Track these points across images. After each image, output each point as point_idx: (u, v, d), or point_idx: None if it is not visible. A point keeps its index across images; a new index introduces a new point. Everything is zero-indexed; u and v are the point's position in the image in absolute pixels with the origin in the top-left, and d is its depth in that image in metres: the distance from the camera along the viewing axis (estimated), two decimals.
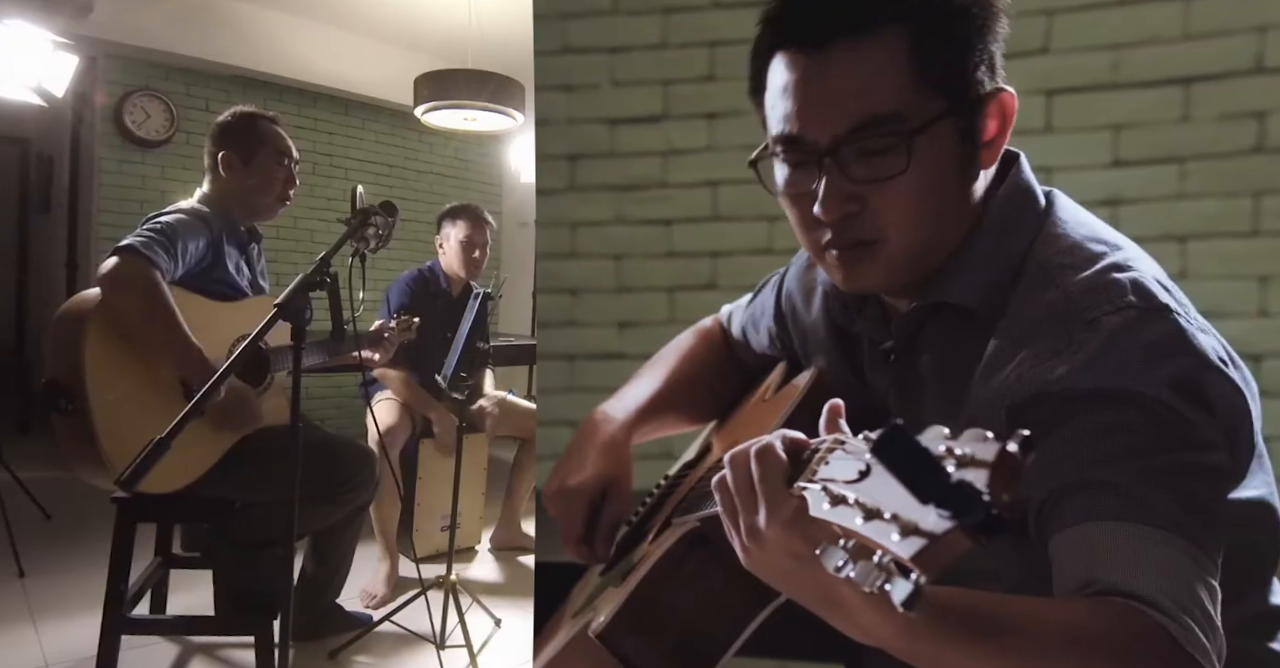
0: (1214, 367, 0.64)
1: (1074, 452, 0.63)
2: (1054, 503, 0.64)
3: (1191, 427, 0.62)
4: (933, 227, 0.74)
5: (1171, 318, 0.65)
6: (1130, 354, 0.64)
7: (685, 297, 1.79)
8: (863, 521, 0.41)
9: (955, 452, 0.39)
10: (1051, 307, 0.69)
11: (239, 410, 1.77)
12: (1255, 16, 1.54)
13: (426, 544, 2.87)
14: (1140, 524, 0.59)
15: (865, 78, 0.69)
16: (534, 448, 2.90)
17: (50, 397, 1.58)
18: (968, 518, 0.37)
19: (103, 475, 1.59)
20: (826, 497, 0.46)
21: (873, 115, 0.69)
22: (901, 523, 0.39)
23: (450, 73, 3.18)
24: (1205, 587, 0.58)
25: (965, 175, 0.74)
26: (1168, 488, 0.60)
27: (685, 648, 0.75)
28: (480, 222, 2.93)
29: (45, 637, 2.18)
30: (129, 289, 1.62)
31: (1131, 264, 0.70)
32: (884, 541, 0.39)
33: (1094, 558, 0.60)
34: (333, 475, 1.93)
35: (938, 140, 0.70)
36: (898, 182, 0.70)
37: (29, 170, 5.30)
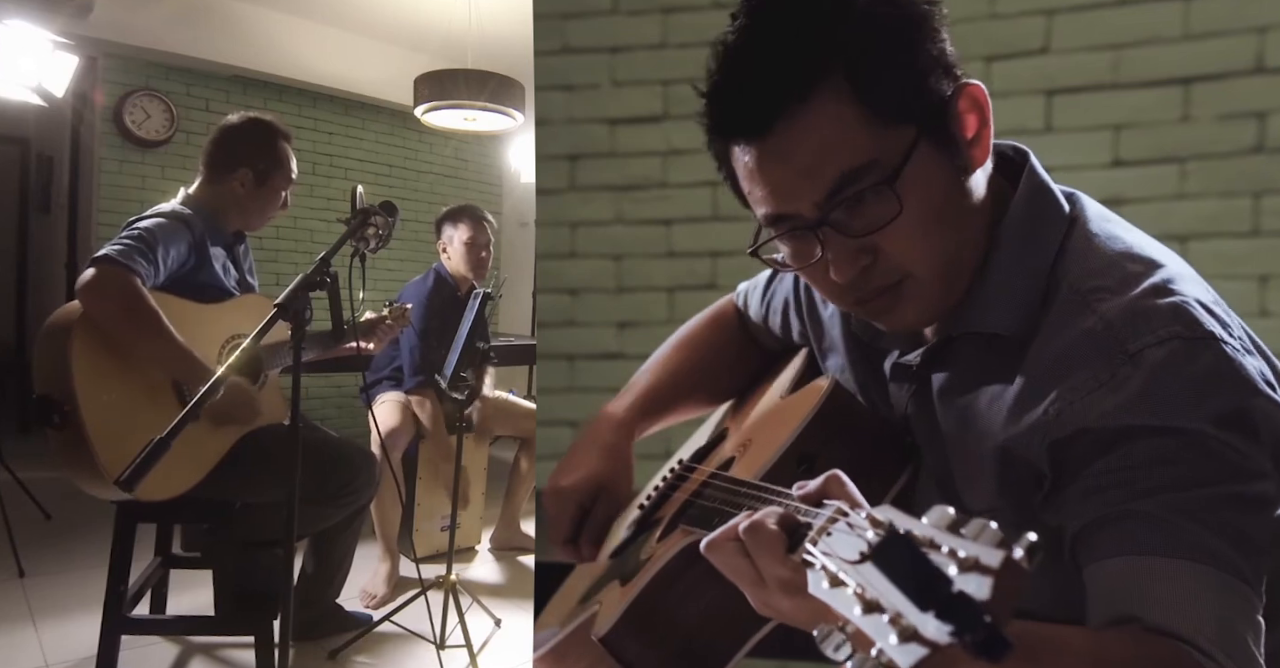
0: (1262, 394, 0.62)
1: (1116, 482, 0.61)
2: (1093, 532, 0.62)
3: (1239, 456, 0.60)
4: (949, 245, 0.71)
5: (1217, 347, 0.62)
6: (1176, 390, 0.61)
7: (685, 297, 1.79)
8: (861, 612, 0.40)
9: (959, 553, 0.38)
10: (1090, 335, 0.66)
11: (239, 405, 1.76)
12: (1255, 16, 1.54)
13: (426, 544, 2.87)
14: (1183, 560, 0.58)
15: (823, 142, 0.66)
16: (534, 448, 2.90)
17: (42, 411, 1.57)
18: (969, 635, 0.36)
19: (100, 485, 1.58)
20: (826, 577, 0.45)
21: (846, 172, 0.66)
22: (900, 627, 0.38)
23: (450, 73, 3.18)
24: (1250, 625, 0.57)
25: (961, 182, 0.71)
26: (1213, 522, 0.59)
27: (687, 656, 0.75)
28: (481, 222, 2.92)
29: (45, 637, 2.18)
30: (108, 298, 1.60)
31: (1173, 285, 0.66)
32: (882, 641, 0.38)
33: (1132, 593, 0.58)
34: (332, 477, 1.92)
35: (921, 166, 0.67)
36: (898, 223, 0.67)
37: (29, 170, 5.30)
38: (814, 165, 0.67)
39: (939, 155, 0.69)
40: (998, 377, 0.72)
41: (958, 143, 0.70)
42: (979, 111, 0.70)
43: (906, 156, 0.66)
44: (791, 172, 0.68)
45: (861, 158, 0.66)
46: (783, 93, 0.66)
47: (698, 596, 0.74)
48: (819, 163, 0.66)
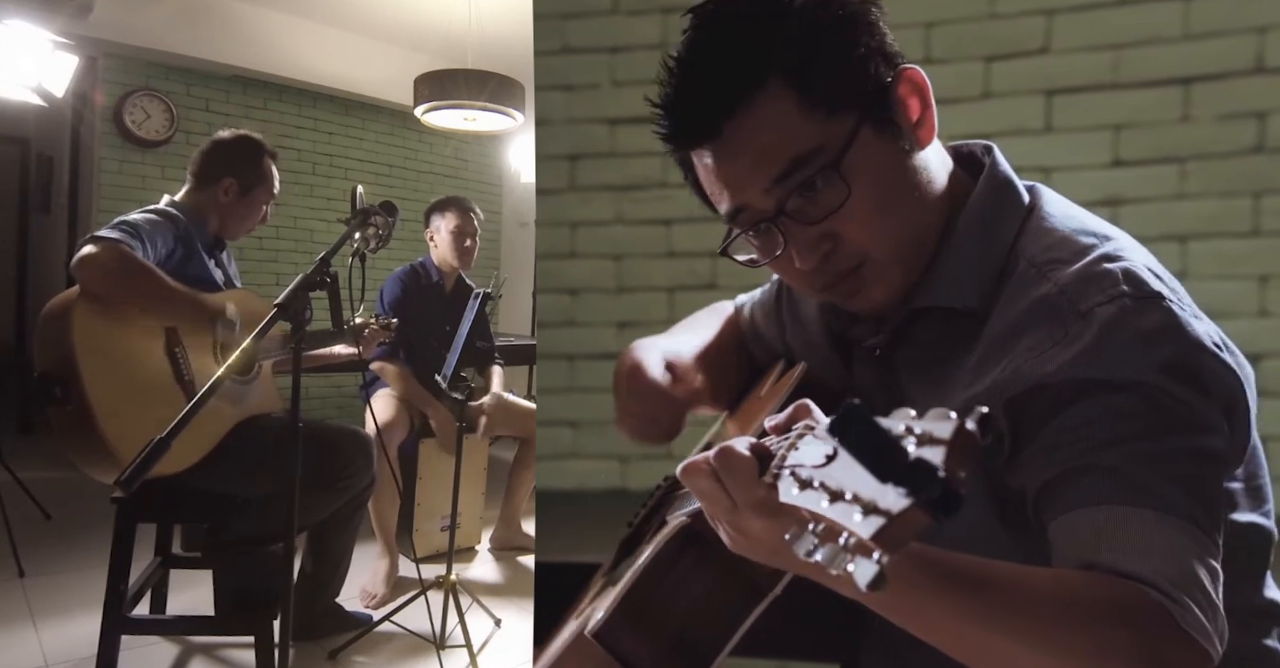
0: (1208, 350, 0.65)
1: (1073, 438, 0.64)
2: (1053, 489, 0.64)
3: (1190, 410, 0.63)
4: (904, 226, 0.75)
5: (1164, 305, 0.65)
6: (1126, 343, 0.64)
7: (685, 297, 1.79)
8: (828, 503, 0.42)
9: (915, 431, 0.40)
10: (1044, 299, 0.69)
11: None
12: (1255, 16, 1.55)
13: (426, 544, 2.87)
14: (1139, 508, 0.60)
15: (770, 135, 0.70)
16: (534, 448, 2.90)
17: (44, 388, 1.58)
18: (924, 494, 0.37)
19: (103, 463, 1.59)
20: (796, 482, 0.46)
21: (793, 159, 0.70)
22: (863, 502, 0.40)
23: (450, 73, 3.18)
24: (1206, 568, 0.58)
25: (908, 162, 0.74)
26: (1167, 471, 0.61)
27: (682, 645, 0.75)
28: (468, 211, 2.94)
29: (45, 637, 2.18)
30: (104, 264, 1.65)
31: (1122, 254, 0.70)
32: (847, 521, 0.40)
33: (1092, 541, 0.60)
34: (330, 462, 1.93)
35: (866, 149, 0.71)
36: (850, 205, 0.71)
37: (29, 170, 5.30)
38: (763, 156, 0.71)
39: (882, 138, 0.72)
40: (959, 349, 0.75)
41: (900, 125, 0.73)
42: (920, 94, 0.74)
43: (849, 141, 0.70)
44: (743, 165, 0.72)
45: (806, 145, 0.70)
46: (728, 96, 0.70)
47: (687, 584, 0.75)
48: (767, 153, 0.71)
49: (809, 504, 0.44)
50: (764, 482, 0.54)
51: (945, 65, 1.83)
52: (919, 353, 0.80)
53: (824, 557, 0.41)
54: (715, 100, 0.71)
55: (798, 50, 0.70)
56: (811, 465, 0.46)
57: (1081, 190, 0.80)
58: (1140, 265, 0.68)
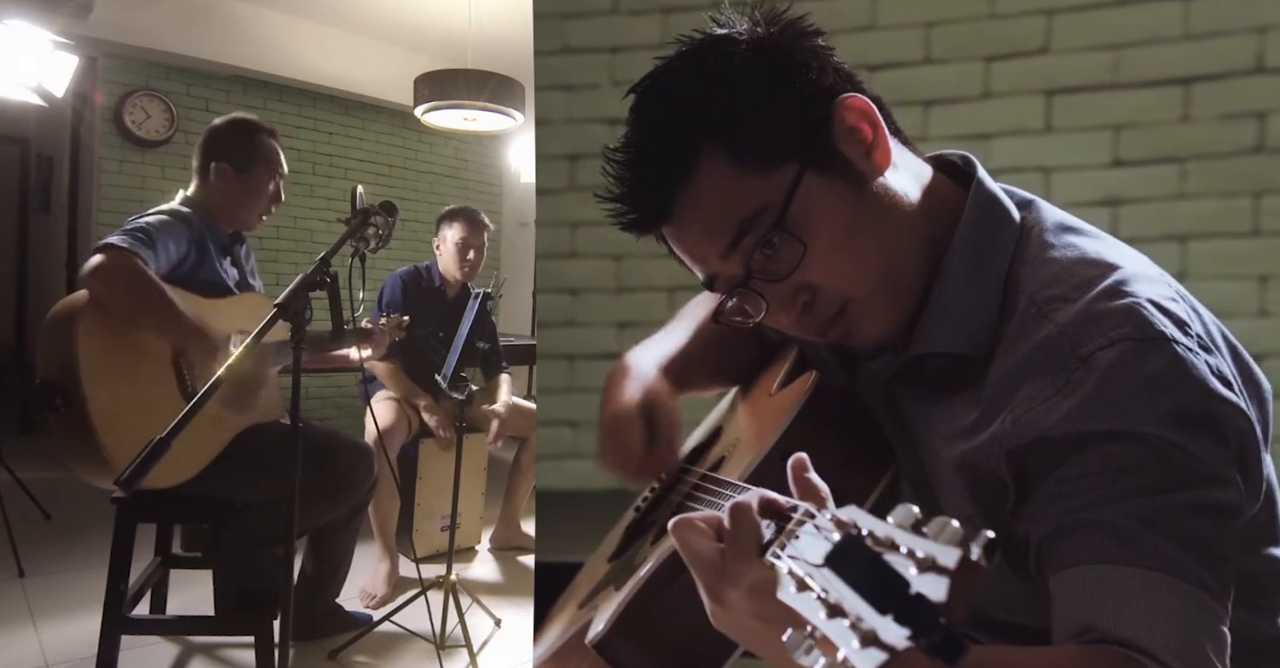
0: (1216, 394, 0.62)
1: (1074, 490, 0.61)
2: (1053, 541, 0.62)
3: (1198, 462, 0.60)
4: (876, 256, 0.72)
5: (1168, 347, 0.62)
6: (1128, 392, 0.61)
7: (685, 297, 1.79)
8: (825, 617, 0.41)
9: (916, 553, 0.38)
10: (1045, 342, 0.66)
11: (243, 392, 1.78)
12: (1255, 16, 1.55)
13: (426, 544, 2.87)
14: (1142, 569, 0.57)
15: (712, 205, 0.71)
16: (534, 448, 2.90)
17: (46, 396, 1.58)
18: (925, 637, 0.36)
19: (102, 472, 1.59)
20: (793, 581, 0.45)
21: (737, 223, 0.70)
22: (861, 632, 0.38)
23: (450, 73, 3.18)
24: (1212, 636, 0.56)
25: (865, 195, 0.72)
26: (1173, 529, 0.58)
27: (681, 660, 0.74)
28: (476, 223, 2.94)
29: (45, 637, 2.18)
30: (114, 279, 1.62)
31: (1126, 286, 0.66)
32: (844, 646, 0.39)
33: (1092, 604, 0.58)
34: (331, 472, 1.93)
35: (812, 198, 0.70)
36: (809, 256, 0.70)
37: (29, 170, 5.30)
38: (711, 226, 0.72)
39: (829, 181, 0.71)
40: (961, 392, 0.73)
41: (848, 159, 0.71)
42: (867, 119, 0.72)
43: (790, 195, 0.69)
44: (697, 237, 0.73)
45: (749, 207, 0.70)
46: (667, 175, 0.71)
47: (690, 599, 0.74)
48: (714, 222, 0.71)
49: (806, 612, 0.42)
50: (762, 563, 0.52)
51: (945, 65, 1.83)
52: (920, 391, 0.78)
53: None
54: (657, 183, 0.72)
55: (722, 112, 0.70)
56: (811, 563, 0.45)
57: (1081, 190, 0.80)
58: (1144, 300, 0.64)
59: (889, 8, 1.86)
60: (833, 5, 1.83)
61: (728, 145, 0.69)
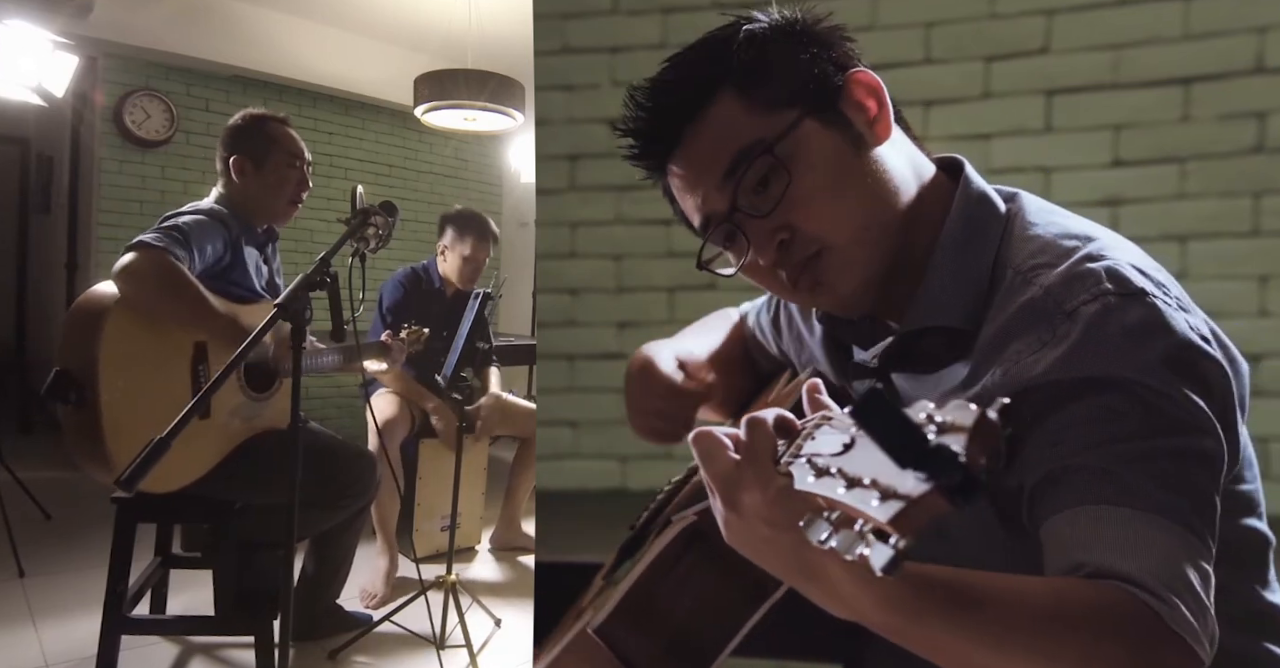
0: (1195, 346, 0.64)
1: (1063, 438, 0.64)
2: (1044, 489, 0.64)
3: (1181, 409, 0.63)
4: (859, 213, 0.75)
5: (1148, 300, 0.66)
6: (1110, 340, 0.64)
7: (685, 297, 1.79)
8: (845, 490, 0.42)
9: (935, 419, 0.40)
10: (1031, 302, 0.69)
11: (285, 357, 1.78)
12: (1255, 16, 1.55)
13: (426, 544, 2.87)
14: (1128, 508, 0.59)
15: (716, 136, 0.75)
16: (534, 448, 2.90)
17: (60, 386, 1.57)
18: (945, 479, 0.37)
19: (104, 471, 1.59)
20: (811, 470, 0.46)
21: (735, 152, 0.75)
22: (881, 488, 0.40)
23: (450, 73, 3.18)
24: (1196, 569, 0.58)
25: (860, 154, 0.76)
26: (1156, 471, 0.61)
27: (683, 644, 0.75)
28: (486, 237, 2.92)
29: (45, 637, 2.18)
30: (146, 277, 1.61)
31: (1105, 252, 0.70)
32: (864, 506, 0.40)
33: (1081, 542, 0.60)
34: (333, 480, 1.93)
35: (808, 139, 0.74)
36: (795, 191, 0.73)
37: (29, 170, 5.30)
38: (711, 157, 0.76)
39: (827, 130, 0.75)
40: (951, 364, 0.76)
41: (848, 120, 0.76)
42: (875, 95, 0.77)
43: (786, 130, 0.74)
44: (698, 167, 0.77)
45: (748, 139, 0.74)
46: (685, 107, 0.76)
47: (691, 582, 0.75)
48: (716, 151, 0.76)
49: (825, 491, 0.44)
50: (779, 470, 0.54)
51: (945, 65, 1.83)
52: (914, 372, 0.81)
53: (839, 543, 0.41)
54: (671, 116, 0.77)
55: (745, 61, 0.75)
56: (829, 454, 0.46)
57: (1081, 190, 0.81)
58: (1123, 263, 0.69)
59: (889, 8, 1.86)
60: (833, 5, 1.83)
61: (741, 87, 0.75)
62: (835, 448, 0.46)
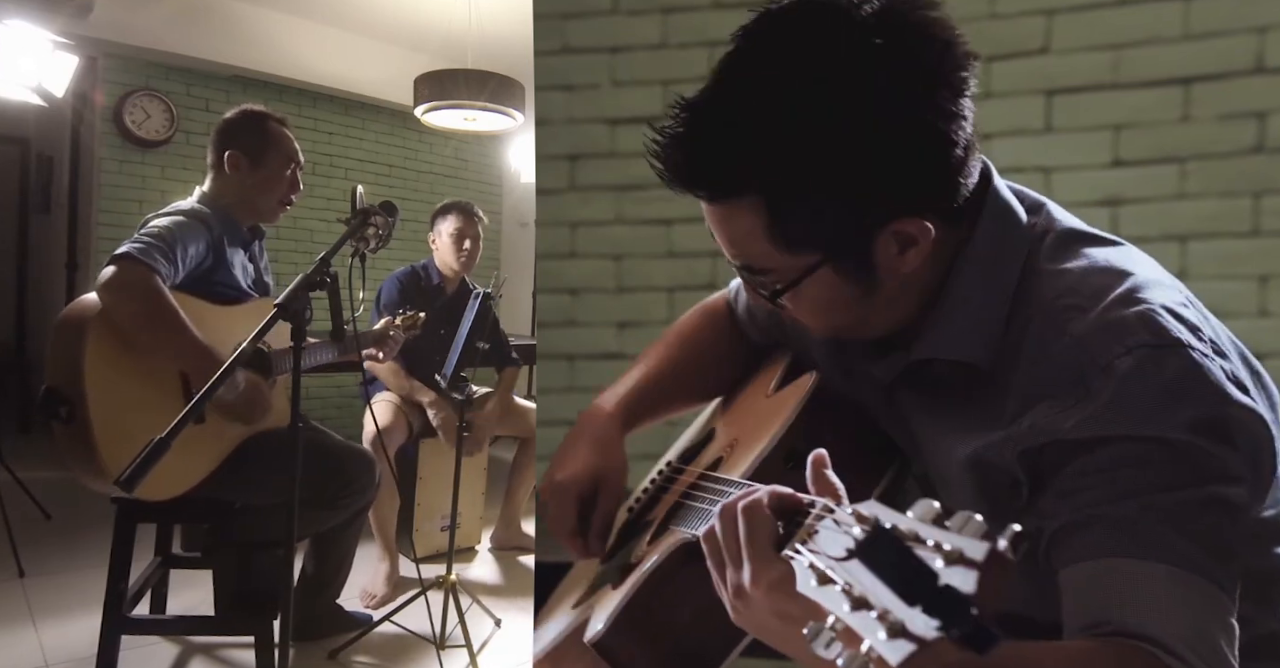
0: (1234, 401, 0.62)
1: (1088, 485, 0.62)
2: (1066, 536, 0.62)
3: (1212, 459, 0.61)
4: (847, 321, 0.76)
5: (1185, 353, 0.63)
6: (1145, 398, 0.61)
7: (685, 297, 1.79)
8: (849, 609, 0.41)
9: (944, 546, 0.38)
10: (1063, 355, 0.66)
11: (253, 403, 1.76)
12: (1255, 16, 1.54)
13: (426, 544, 2.87)
14: (1156, 563, 0.58)
15: (735, 235, 0.72)
16: (534, 448, 2.90)
17: (49, 404, 1.57)
18: (956, 627, 0.36)
19: (102, 482, 1.58)
20: (814, 574, 0.45)
21: (747, 265, 0.73)
22: (888, 623, 0.38)
23: (450, 73, 3.18)
24: (1223, 629, 0.57)
25: (871, 294, 0.73)
26: (1186, 525, 0.59)
27: (679, 659, 0.74)
28: (470, 215, 2.95)
29: (45, 637, 2.18)
30: (128, 297, 1.60)
31: (1140, 294, 0.67)
32: (870, 637, 0.39)
33: (1106, 597, 0.58)
34: (333, 481, 1.92)
35: (818, 284, 0.71)
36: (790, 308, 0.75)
37: (29, 170, 5.29)
38: (729, 246, 0.74)
39: (842, 279, 0.71)
40: (970, 395, 0.73)
41: (871, 265, 0.70)
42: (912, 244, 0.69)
43: (800, 278, 0.71)
44: (717, 234, 0.75)
45: (761, 264, 0.72)
46: (711, 187, 0.71)
47: (689, 597, 0.74)
48: (732, 245, 0.74)
49: (829, 604, 0.42)
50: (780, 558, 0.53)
51: None
52: (924, 396, 0.79)
53: (845, 662, 0.40)
54: (706, 184, 0.70)
55: (782, 180, 0.67)
56: (831, 557, 0.45)
57: (1081, 190, 0.80)
58: (1159, 306, 0.65)
59: None
60: None
61: (770, 211, 0.68)
62: (839, 552, 0.44)
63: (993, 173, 0.76)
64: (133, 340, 1.63)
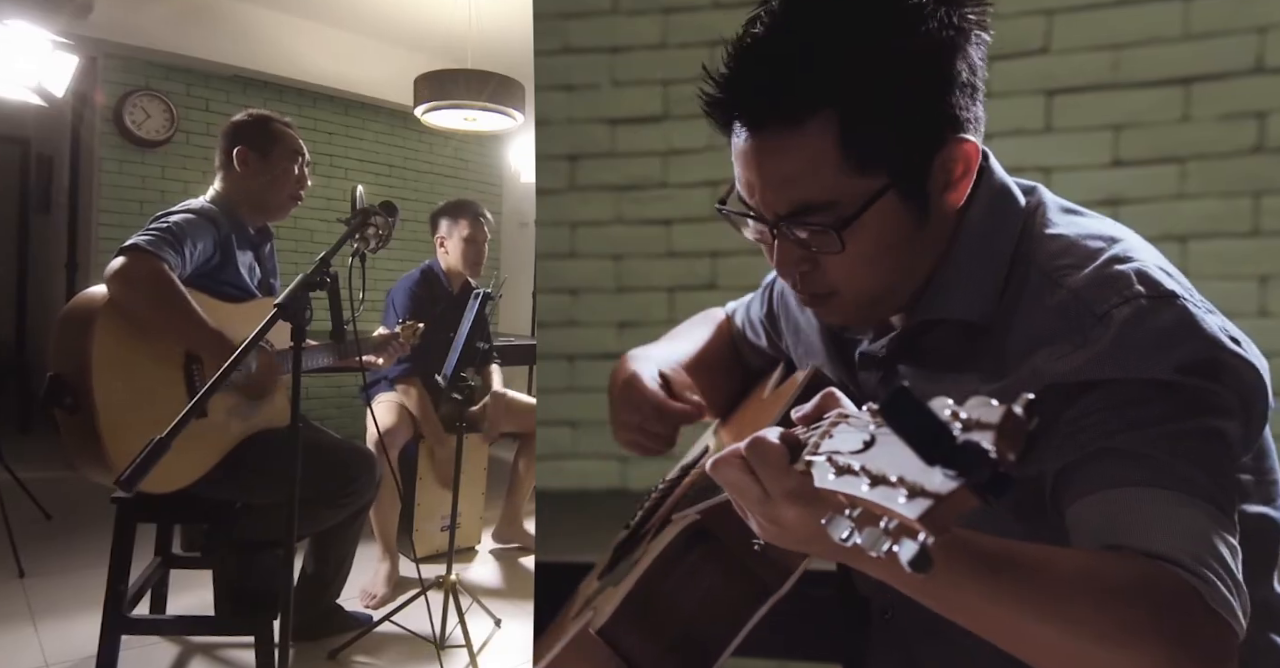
0: (1226, 348, 0.65)
1: (1089, 424, 0.64)
2: (1070, 473, 0.65)
3: (1206, 395, 0.63)
4: (886, 279, 0.76)
5: (1179, 304, 0.66)
6: (1142, 343, 0.64)
7: (685, 297, 1.79)
8: (869, 487, 0.42)
9: (961, 416, 0.39)
10: (1060, 306, 0.69)
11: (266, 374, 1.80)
12: (1255, 16, 1.54)
13: (426, 544, 2.87)
14: (1158, 488, 0.60)
15: (795, 168, 0.70)
16: (534, 445, 2.90)
17: (54, 392, 1.58)
18: (974, 476, 0.37)
19: (104, 473, 1.59)
20: (832, 468, 0.46)
21: (805, 203, 0.70)
22: (908, 486, 0.39)
23: (450, 73, 3.18)
24: (1226, 545, 0.59)
25: (922, 227, 0.74)
26: (1185, 452, 0.61)
27: (685, 644, 0.75)
28: (480, 219, 2.94)
29: (45, 637, 2.18)
30: (137, 285, 1.62)
31: (1131, 254, 0.70)
32: (890, 504, 0.39)
33: (1113, 522, 0.60)
34: (333, 479, 1.92)
35: (880, 216, 0.71)
36: (838, 257, 0.72)
37: (29, 170, 5.30)
38: (783, 187, 0.71)
39: (902, 206, 0.72)
40: (967, 359, 0.76)
41: (928, 196, 0.73)
42: (966, 165, 0.73)
43: (864, 207, 0.70)
44: (765, 180, 0.72)
45: (824, 196, 0.70)
46: (784, 106, 0.69)
47: (693, 582, 0.74)
48: (788, 187, 0.71)
49: (848, 489, 0.43)
50: (796, 469, 0.54)
51: None
52: (924, 363, 0.80)
53: (865, 541, 0.41)
54: (778, 100, 0.69)
55: (857, 93, 0.67)
56: (849, 451, 0.46)
57: (1081, 190, 0.81)
58: (1151, 265, 0.69)
59: None
60: None
61: (844, 126, 0.68)
62: (855, 445, 0.46)
63: (988, 153, 0.79)
64: (144, 325, 1.65)
